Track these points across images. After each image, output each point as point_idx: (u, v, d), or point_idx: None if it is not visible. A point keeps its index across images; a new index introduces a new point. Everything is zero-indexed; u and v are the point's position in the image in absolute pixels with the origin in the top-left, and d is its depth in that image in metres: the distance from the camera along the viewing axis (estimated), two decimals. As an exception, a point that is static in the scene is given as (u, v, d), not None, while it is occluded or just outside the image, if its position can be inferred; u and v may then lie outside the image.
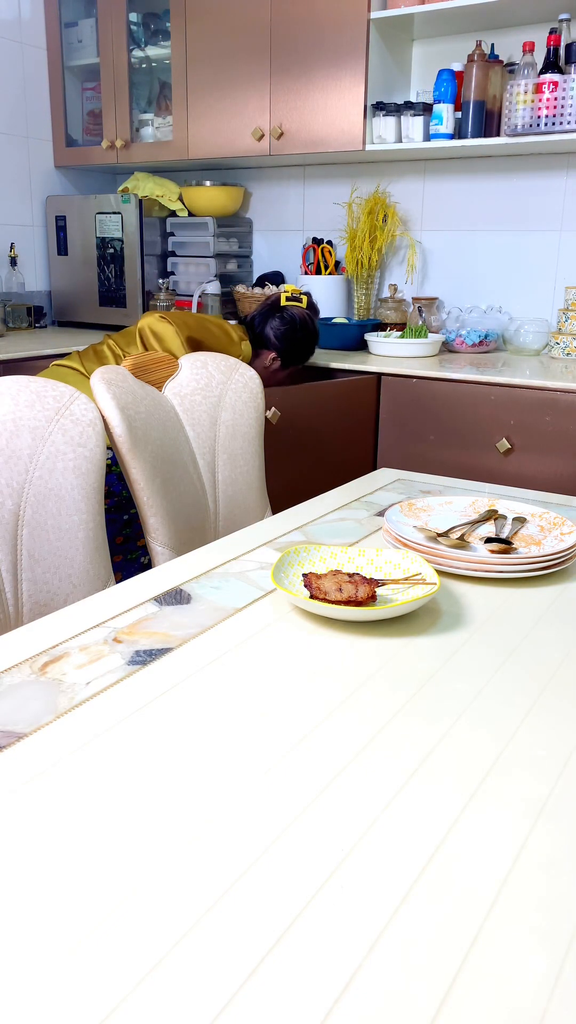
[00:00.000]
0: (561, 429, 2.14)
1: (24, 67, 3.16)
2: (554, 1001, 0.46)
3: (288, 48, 2.66)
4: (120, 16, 2.99)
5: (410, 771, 0.66)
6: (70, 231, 3.22)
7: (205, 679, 0.80)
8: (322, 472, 2.55)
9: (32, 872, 0.55)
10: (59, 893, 0.53)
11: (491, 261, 2.82)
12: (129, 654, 0.84)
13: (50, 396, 1.25)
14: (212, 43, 2.80)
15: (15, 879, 0.54)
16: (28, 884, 0.54)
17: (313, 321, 2.26)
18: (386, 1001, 0.46)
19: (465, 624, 0.93)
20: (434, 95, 2.53)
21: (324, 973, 0.48)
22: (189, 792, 0.63)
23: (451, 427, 2.31)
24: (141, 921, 0.51)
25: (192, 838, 0.58)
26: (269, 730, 0.71)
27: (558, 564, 1.06)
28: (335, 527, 1.25)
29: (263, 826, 0.59)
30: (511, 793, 0.64)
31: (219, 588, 1.01)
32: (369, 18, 2.50)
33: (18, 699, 0.75)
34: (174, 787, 0.64)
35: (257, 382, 1.68)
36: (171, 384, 1.55)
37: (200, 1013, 0.45)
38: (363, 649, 0.86)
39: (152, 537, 1.40)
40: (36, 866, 0.55)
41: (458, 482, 1.51)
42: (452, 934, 0.51)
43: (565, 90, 2.29)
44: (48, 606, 1.23)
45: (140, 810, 0.61)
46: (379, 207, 2.87)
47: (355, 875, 0.55)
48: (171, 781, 0.64)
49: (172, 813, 0.61)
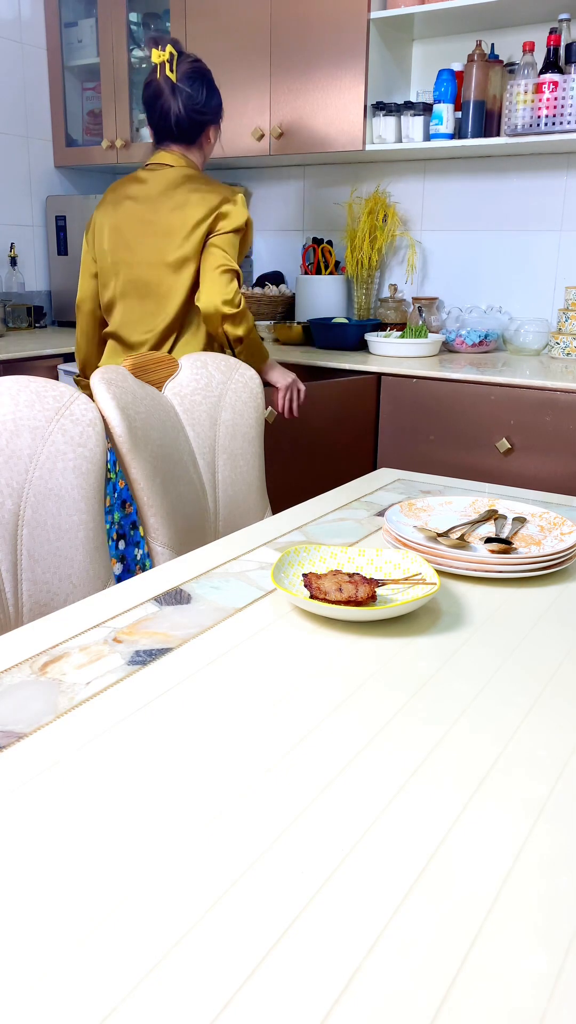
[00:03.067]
0: (561, 429, 2.14)
1: (24, 67, 3.16)
2: (554, 1001, 0.46)
3: (288, 48, 2.66)
4: (120, 16, 2.99)
5: (410, 771, 0.66)
6: (70, 231, 3.22)
7: (205, 679, 0.80)
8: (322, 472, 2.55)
9: (33, 872, 0.55)
10: (60, 893, 0.53)
11: (491, 261, 2.83)
12: (129, 654, 0.84)
13: (50, 396, 1.25)
14: (212, 43, 2.80)
15: (16, 879, 0.54)
16: (29, 884, 0.54)
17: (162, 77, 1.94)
18: (386, 1001, 0.46)
19: (465, 624, 0.93)
20: (434, 95, 2.53)
21: (324, 972, 0.48)
22: (189, 792, 0.63)
23: (451, 427, 2.31)
24: (141, 921, 0.51)
25: (192, 838, 0.58)
26: (269, 730, 0.71)
27: (558, 564, 1.06)
28: (335, 527, 1.25)
29: (263, 826, 0.59)
30: (511, 793, 0.64)
31: (219, 588, 1.01)
32: (369, 18, 2.50)
33: (18, 699, 0.75)
34: (174, 787, 0.64)
35: (257, 382, 1.68)
36: (171, 384, 1.55)
37: (201, 1012, 0.45)
38: (363, 649, 0.86)
39: (152, 537, 1.40)
40: (37, 866, 0.55)
41: (458, 482, 1.51)
42: (452, 934, 0.51)
43: (565, 90, 2.29)
44: (48, 606, 1.23)
45: (140, 810, 0.61)
46: (379, 207, 2.87)
47: (355, 875, 0.55)
48: (171, 781, 0.64)
49: (172, 813, 0.61)
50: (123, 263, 1.96)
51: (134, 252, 1.94)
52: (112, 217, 1.97)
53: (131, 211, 1.95)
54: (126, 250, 1.95)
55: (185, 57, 1.93)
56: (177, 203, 1.91)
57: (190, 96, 1.92)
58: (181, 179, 1.94)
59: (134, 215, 1.94)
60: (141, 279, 1.95)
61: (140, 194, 1.95)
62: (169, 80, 1.91)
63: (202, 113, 1.96)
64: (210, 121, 1.99)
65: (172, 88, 1.91)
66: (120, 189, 1.99)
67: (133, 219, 1.94)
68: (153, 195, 1.94)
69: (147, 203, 1.94)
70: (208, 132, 2.01)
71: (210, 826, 0.59)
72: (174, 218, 1.90)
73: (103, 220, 1.99)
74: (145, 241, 1.93)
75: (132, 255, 1.95)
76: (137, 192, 1.96)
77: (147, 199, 1.94)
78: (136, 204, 1.95)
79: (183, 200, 1.91)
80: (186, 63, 1.93)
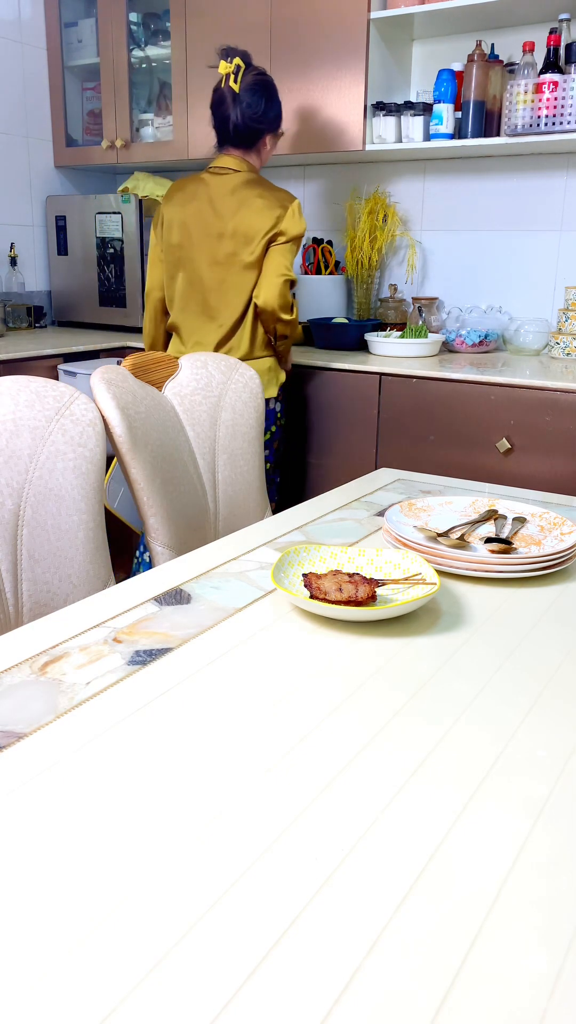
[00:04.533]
0: (561, 429, 2.14)
1: (24, 67, 3.16)
2: (554, 1001, 0.46)
3: (288, 48, 2.66)
4: (120, 16, 2.99)
5: (410, 771, 0.66)
6: (70, 231, 3.22)
7: (205, 679, 0.80)
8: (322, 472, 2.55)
9: (32, 872, 0.55)
10: (59, 893, 0.53)
11: (491, 261, 2.82)
12: (129, 654, 0.84)
13: (50, 396, 1.25)
14: (212, 43, 2.80)
15: (15, 879, 0.54)
16: (28, 884, 0.54)
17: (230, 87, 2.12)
18: (386, 1001, 0.46)
19: (465, 624, 0.93)
20: (434, 95, 2.53)
21: (324, 973, 0.48)
22: (189, 792, 0.63)
23: (451, 427, 2.31)
24: (141, 921, 0.51)
25: (192, 838, 0.58)
26: (269, 730, 0.71)
27: (558, 564, 1.06)
28: (335, 527, 1.25)
29: (263, 826, 0.59)
30: (511, 793, 0.64)
31: (219, 588, 1.01)
32: (369, 18, 2.50)
33: (18, 699, 0.75)
34: (174, 787, 0.64)
35: (257, 382, 1.68)
36: (171, 384, 1.55)
37: (201, 1012, 0.45)
38: (363, 649, 0.86)
39: (152, 537, 1.40)
40: (36, 866, 0.55)
41: (458, 482, 1.51)
42: (452, 934, 0.51)
43: (565, 90, 2.29)
44: (48, 606, 1.23)
45: (140, 810, 0.61)
46: (379, 207, 2.87)
47: (356, 874, 0.55)
48: (171, 781, 0.64)
49: (172, 813, 0.61)
50: (188, 260, 2.16)
51: (200, 251, 2.15)
52: (181, 214, 2.14)
53: (198, 211, 2.14)
54: (193, 248, 2.15)
55: (251, 69, 2.13)
56: (242, 208, 2.11)
57: (249, 105, 2.12)
58: (244, 184, 2.13)
59: (201, 215, 2.14)
60: (204, 278, 2.16)
61: (207, 195, 2.14)
62: (232, 90, 2.11)
63: (259, 122, 2.15)
64: (267, 130, 2.18)
65: (234, 97, 2.11)
66: (187, 188, 2.18)
67: (200, 219, 2.14)
68: (218, 197, 2.13)
69: (213, 205, 2.13)
70: (265, 139, 2.20)
71: (210, 826, 0.59)
72: (239, 223, 2.11)
73: (172, 215, 2.18)
74: (210, 242, 2.13)
75: (198, 253, 2.15)
76: (203, 193, 2.15)
77: (213, 201, 2.13)
78: (203, 205, 2.14)
79: (248, 206, 2.11)
80: (250, 75, 2.12)
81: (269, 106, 2.15)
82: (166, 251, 2.20)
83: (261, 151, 2.21)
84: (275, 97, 2.16)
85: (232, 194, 2.12)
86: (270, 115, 2.16)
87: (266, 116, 2.15)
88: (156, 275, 2.26)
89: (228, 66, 2.09)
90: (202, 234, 2.13)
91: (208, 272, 2.15)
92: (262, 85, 2.13)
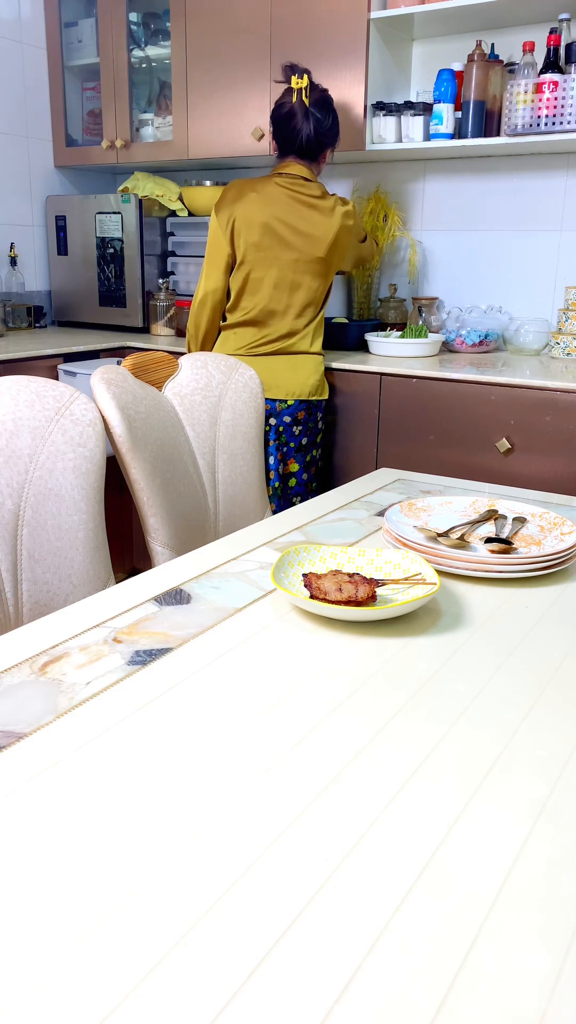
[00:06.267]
0: (561, 429, 2.14)
1: (24, 67, 3.16)
2: (554, 1001, 0.46)
3: (288, 48, 2.66)
4: (120, 16, 2.99)
5: (410, 771, 0.66)
6: (70, 231, 3.22)
7: (205, 679, 0.80)
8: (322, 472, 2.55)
9: (32, 872, 0.55)
10: (59, 893, 0.53)
11: (491, 261, 2.82)
12: (129, 654, 0.84)
13: (50, 396, 1.25)
14: (212, 43, 2.80)
15: (15, 879, 0.54)
16: (28, 884, 0.54)
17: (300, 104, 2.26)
18: (386, 1001, 0.46)
19: (465, 624, 0.93)
20: (434, 95, 2.53)
21: (324, 973, 0.48)
22: (189, 792, 0.63)
23: (451, 427, 2.31)
24: (141, 921, 0.51)
25: (192, 838, 0.58)
26: (269, 730, 0.71)
27: (558, 564, 1.06)
28: (335, 527, 1.25)
29: (263, 826, 0.59)
30: (511, 793, 0.64)
31: (219, 588, 1.01)
32: (369, 18, 2.50)
33: (18, 699, 0.75)
34: (174, 787, 0.64)
35: (257, 382, 1.68)
36: (171, 384, 1.55)
37: (200, 1013, 0.45)
38: (363, 649, 0.86)
39: (152, 537, 1.40)
40: (36, 866, 0.55)
41: (458, 482, 1.51)
42: (452, 934, 0.51)
43: (565, 90, 2.29)
44: (48, 606, 1.23)
45: (140, 810, 0.61)
46: (379, 207, 2.87)
47: (356, 874, 0.55)
48: (171, 781, 0.64)
49: (172, 813, 0.61)
50: (272, 259, 2.26)
51: (283, 250, 2.26)
52: (261, 215, 2.24)
53: (279, 214, 2.24)
54: (274, 247, 2.25)
55: (316, 87, 2.25)
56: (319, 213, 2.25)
57: (319, 121, 2.25)
58: (318, 192, 2.27)
59: (284, 218, 2.24)
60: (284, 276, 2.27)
61: (285, 199, 2.25)
62: (303, 105, 2.22)
63: (325, 136, 2.28)
64: (329, 143, 2.32)
65: (305, 112, 2.22)
66: (261, 190, 2.26)
67: (283, 221, 2.24)
68: (298, 203, 2.25)
69: (294, 209, 2.25)
70: (326, 152, 2.34)
71: (210, 825, 0.59)
72: (317, 228, 2.25)
73: (251, 215, 2.24)
74: (294, 241, 2.25)
75: (282, 253, 2.26)
76: (281, 196, 2.25)
77: (293, 205, 2.25)
78: (282, 208, 2.24)
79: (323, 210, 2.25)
80: (317, 92, 2.25)
81: (334, 122, 2.29)
82: (245, 251, 2.27)
83: (321, 162, 2.35)
84: (335, 113, 2.29)
85: (311, 201, 2.26)
86: (334, 130, 2.30)
87: (332, 131, 2.29)
88: (218, 276, 2.31)
89: (300, 82, 2.20)
90: (287, 234, 2.24)
91: (288, 271, 2.26)
92: (327, 102, 2.27)
